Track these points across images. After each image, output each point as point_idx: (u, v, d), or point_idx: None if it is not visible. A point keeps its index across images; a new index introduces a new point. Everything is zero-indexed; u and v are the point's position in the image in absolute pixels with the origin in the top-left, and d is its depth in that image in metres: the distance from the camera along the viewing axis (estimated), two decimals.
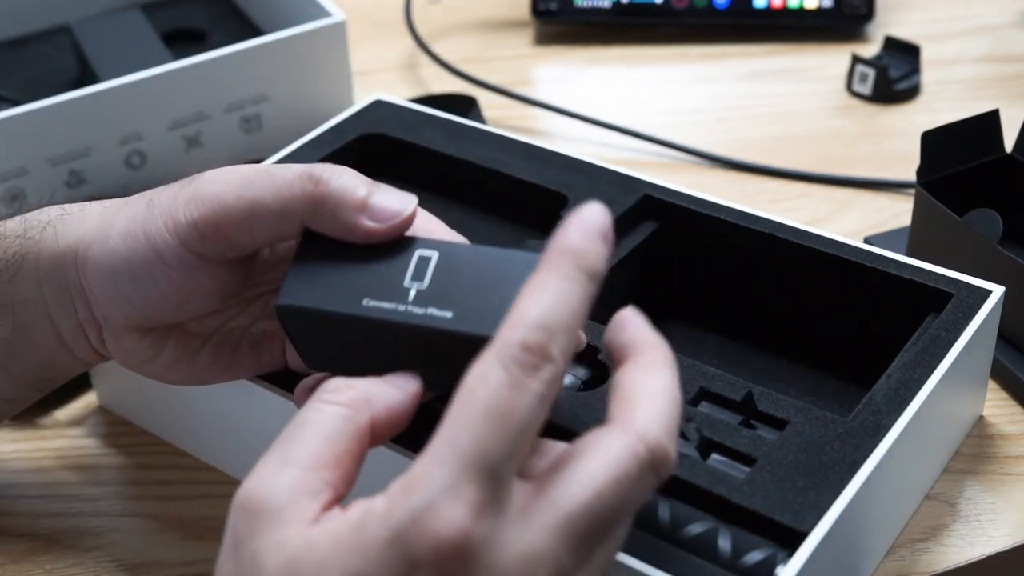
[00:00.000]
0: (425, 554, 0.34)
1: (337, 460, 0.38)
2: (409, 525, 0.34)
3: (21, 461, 0.60)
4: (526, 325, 0.36)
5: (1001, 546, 0.53)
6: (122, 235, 0.47)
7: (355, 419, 0.39)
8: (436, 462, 0.35)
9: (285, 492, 0.37)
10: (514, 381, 0.35)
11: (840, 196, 0.77)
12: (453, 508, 0.34)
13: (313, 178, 0.44)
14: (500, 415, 0.35)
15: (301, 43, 0.76)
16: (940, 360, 0.51)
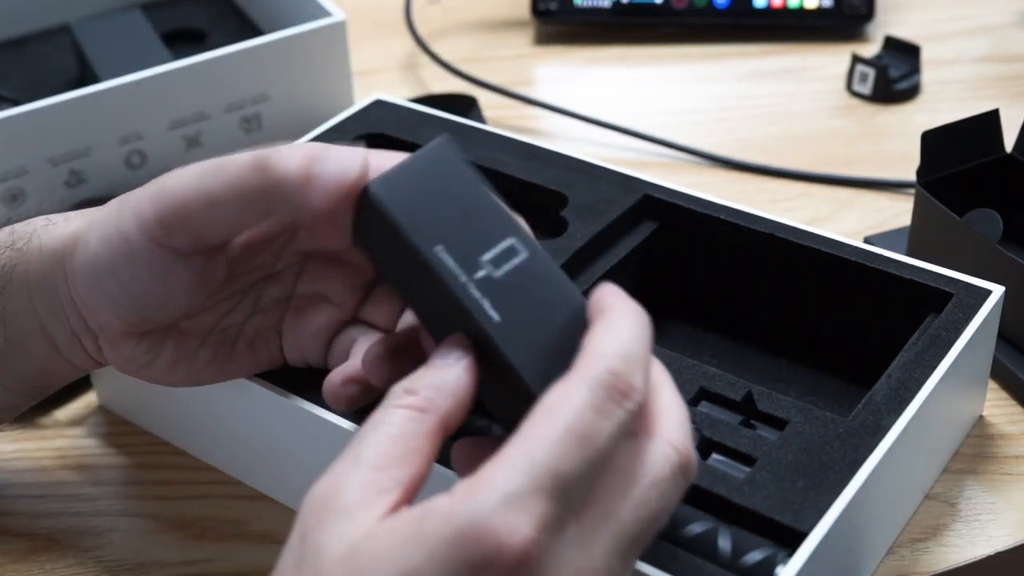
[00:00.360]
0: (484, 558, 0.34)
1: (406, 458, 0.37)
2: (472, 526, 0.34)
3: (21, 461, 0.60)
4: (610, 354, 0.37)
5: (1001, 546, 0.53)
6: (99, 239, 0.47)
7: (424, 419, 0.38)
8: (508, 469, 0.35)
9: (355, 489, 0.36)
10: (599, 405, 0.36)
11: (840, 196, 0.77)
12: (521, 517, 0.34)
13: (259, 166, 0.43)
14: (581, 436, 0.35)
15: (301, 43, 0.76)
16: (940, 360, 0.51)
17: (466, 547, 0.34)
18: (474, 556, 0.34)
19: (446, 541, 0.34)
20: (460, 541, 0.34)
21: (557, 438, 0.35)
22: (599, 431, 0.36)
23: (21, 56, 0.87)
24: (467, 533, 0.34)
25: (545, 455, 0.35)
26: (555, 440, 0.35)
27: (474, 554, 0.34)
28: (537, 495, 0.34)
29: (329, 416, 0.50)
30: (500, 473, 0.35)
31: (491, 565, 0.34)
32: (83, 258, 0.47)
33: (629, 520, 0.37)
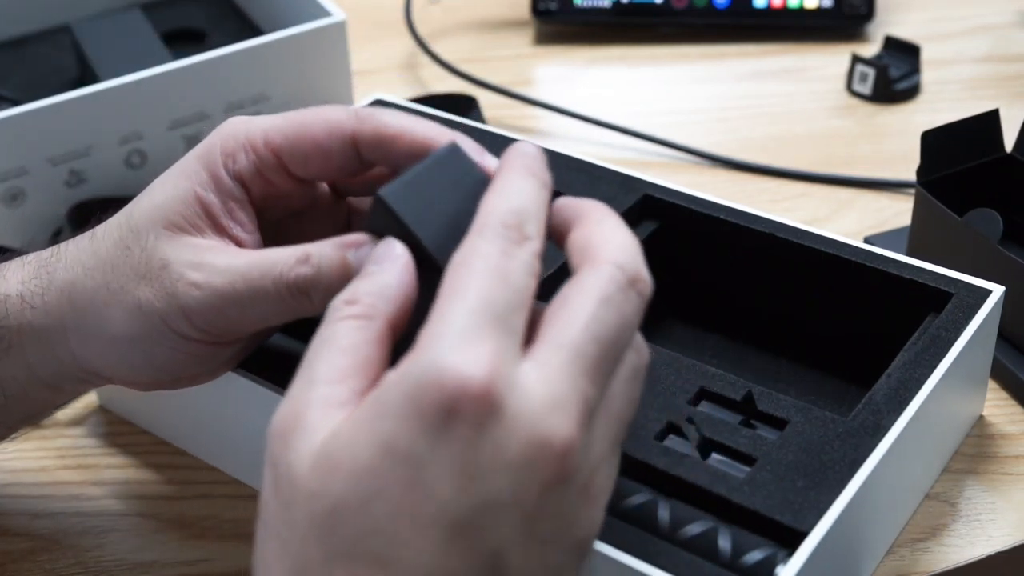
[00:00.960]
0: (452, 397, 0.34)
1: (360, 368, 0.37)
2: (429, 373, 0.34)
3: (21, 461, 0.60)
4: (500, 211, 0.38)
5: (1001, 546, 0.53)
6: (127, 339, 0.46)
7: (370, 326, 0.38)
8: (445, 318, 0.35)
9: (314, 409, 0.36)
10: (502, 250, 0.37)
11: (840, 196, 0.77)
12: (472, 352, 0.34)
13: (301, 290, 0.44)
14: (499, 272, 0.36)
15: (301, 43, 0.76)
16: (940, 360, 0.51)
17: (430, 392, 0.34)
18: (443, 399, 0.34)
19: (407, 396, 0.34)
20: (421, 390, 0.34)
21: (478, 279, 0.36)
22: (512, 267, 0.37)
23: (21, 56, 0.87)
24: (427, 380, 0.34)
25: (474, 295, 0.35)
26: (477, 281, 0.36)
27: (441, 396, 0.34)
28: (481, 329, 0.35)
29: None
30: (437, 326, 0.35)
31: (459, 402, 0.34)
32: (102, 346, 0.47)
33: (579, 337, 0.36)
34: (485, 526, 0.34)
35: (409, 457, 0.34)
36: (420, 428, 0.34)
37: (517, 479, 0.34)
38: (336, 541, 0.34)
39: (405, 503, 0.34)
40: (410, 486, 0.34)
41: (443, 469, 0.34)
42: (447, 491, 0.34)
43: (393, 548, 0.34)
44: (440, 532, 0.34)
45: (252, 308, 0.44)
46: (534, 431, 0.34)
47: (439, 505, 0.34)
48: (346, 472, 0.34)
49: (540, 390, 0.35)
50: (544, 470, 0.35)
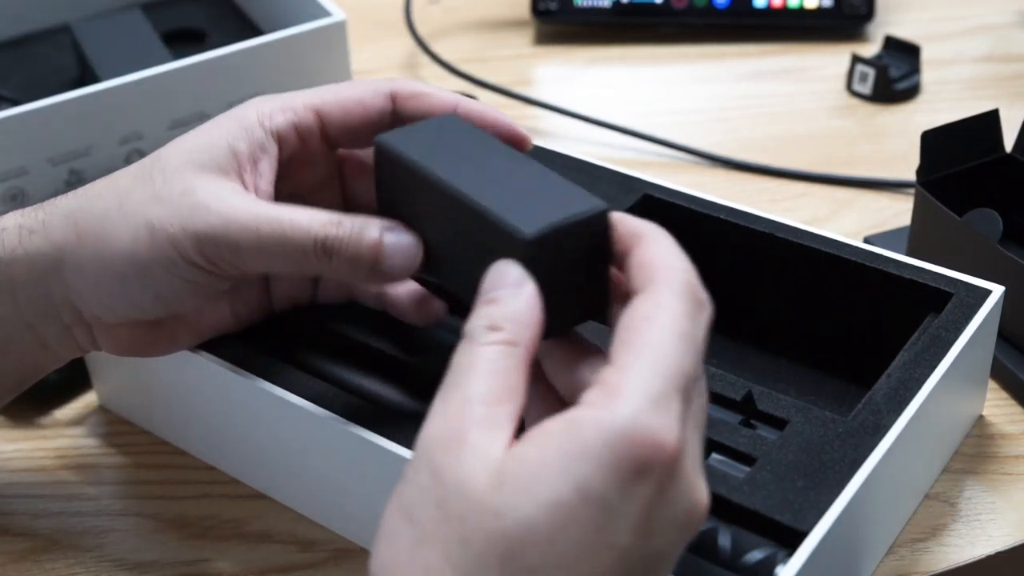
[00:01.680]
0: (648, 456, 0.35)
1: (512, 393, 0.38)
2: (631, 429, 0.35)
3: (21, 461, 0.60)
4: (680, 268, 0.39)
5: (1001, 546, 0.53)
6: (128, 259, 0.47)
7: (516, 353, 0.39)
8: (638, 375, 0.36)
9: (477, 426, 0.37)
10: (689, 313, 0.38)
11: (840, 196, 0.77)
12: (669, 419, 0.36)
13: (328, 251, 0.45)
14: (689, 338, 0.38)
15: (301, 43, 0.76)
16: (940, 360, 0.51)
17: (631, 448, 0.35)
18: (639, 456, 0.35)
19: (609, 446, 0.35)
20: (623, 443, 0.35)
21: (674, 342, 0.37)
22: (696, 335, 0.38)
23: (21, 56, 0.87)
24: (628, 435, 0.35)
25: (671, 358, 0.37)
26: (673, 344, 0.37)
27: (638, 453, 0.35)
28: (674, 395, 0.36)
29: (331, 417, 0.50)
30: (637, 380, 0.36)
31: (653, 463, 0.35)
32: (98, 270, 0.47)
33: (698, 408, 0.39)
34: (647, 572, 0.36)
35: (601, 501, 0.35)
36: (616, 478, 0.35)
37: (678, 535, 0.37)
38: (519, 566, 0.35)
39: (591, 543, 0.35)
40: (597, 529, 0.35)
41: (628, 520, 0.35)
42: (628, 540, 0.35)
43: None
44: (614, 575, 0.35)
45: (269, 252, 0.45)
46: (693, 495, 0.37)
47: (620, 552, 0.35)
48: (536, 499, 0.35)
49: (694, 456, 0.38)
50: (692, 528, 0.37)
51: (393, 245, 0.45)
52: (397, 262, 0.45)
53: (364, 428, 0.49)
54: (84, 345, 0.50)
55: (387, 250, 0.45)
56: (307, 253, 0.45)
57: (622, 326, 0.38)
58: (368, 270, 0.45)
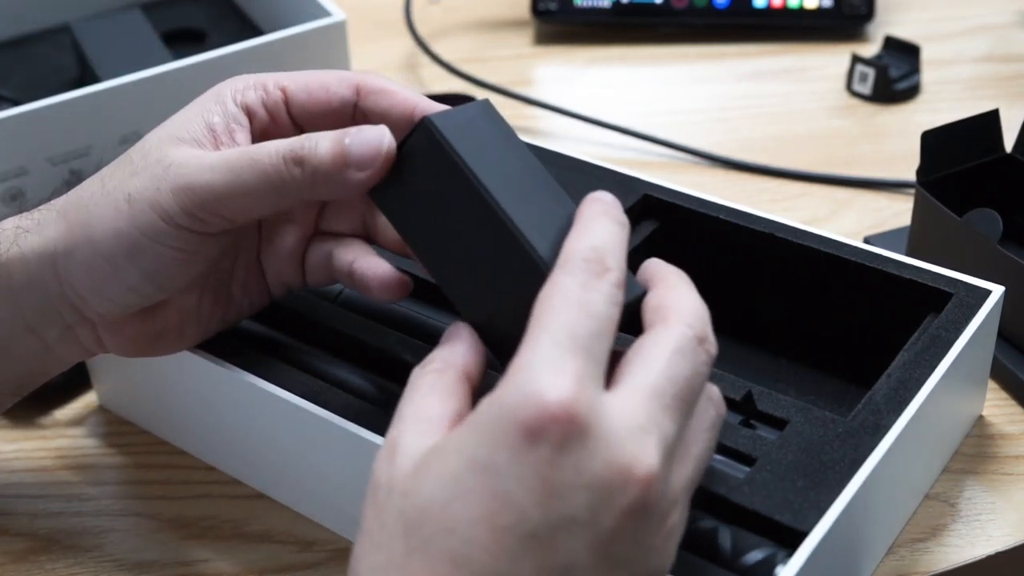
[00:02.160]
0: (538, 422, 0.36)
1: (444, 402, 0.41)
2: (518, 399, 0.36)
3: (21, 461, 0.60)
4: (580, 247, 0.40)
5: (1001, 546, 0.53)
6: (113, 237, 0.47)
7: (447, 373, 0.42)
8: (532, 347, 0.37)
9: (407, 433, 0.39)
10: (583, 283, 0.39)
11: (840, 196, 0.77)
12: (557, 378, 0.36)
13: (297, 161, 0.46)
14: (581, 303, 0.38)
15: (301, 43, 0.76)
16: (940, 360, 0.51)
17: (517, 413, 0.36)
18: (527, 419, 0.36)
19: (495, 416, 0.37)
20: (507, 410, 0.36)
21: (561, 309, 0.38)
22: (592, 300, 0.39)
23: (21, 56, 0.87)
24: (516, 406, 0.36)
25: (557, 325, 0.38)
26: (560, 311, 0.38)
27: (526, 418, 0.36)
28: (564, 356, 0.37)
29: (330, 417, 0.50)
30: (525, 356, 0.37)
31: (541, 422, 0.36)
32: (89, 255, 0.47)
33: (661, 380, 0.39)
34: (559, 541, 0.36)
35: (491, 468, 0.36)
36: (504, 443, 0.36)
37: (596, 500, 0.36)
38: (418, 536, 0.36)
39: (485, 509, 0.36)
40: (491, 495, 0.36)
41: (522, 482, 0.36)
42: (525, 503, 0.36)
43: (467, 549, 0.36)
44: (514, 540, 0.36)
45: (244, 183, 0.46)
46: (617, 456, 0.37)
47: (517, 515, 0.36)
48: (434, 476, 0.37)
49: (622, 418, 0.37)
50: (625, 495, 0.37)
51: (356, 136, 0.45)
52: (364, 151, 0.45)
53: (364, 428, 0.49)
54: (88, 345, 0.50)
55: (351, 142, 0.45)
56: (279, 170, 0.45)
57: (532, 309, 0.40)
58: (340, 169, 0.45)
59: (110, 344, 0.50)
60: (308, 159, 0.45)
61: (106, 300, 0.48)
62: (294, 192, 0.46)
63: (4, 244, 0.49)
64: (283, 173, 0.46)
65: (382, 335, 0.55)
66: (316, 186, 0.46)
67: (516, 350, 0.38)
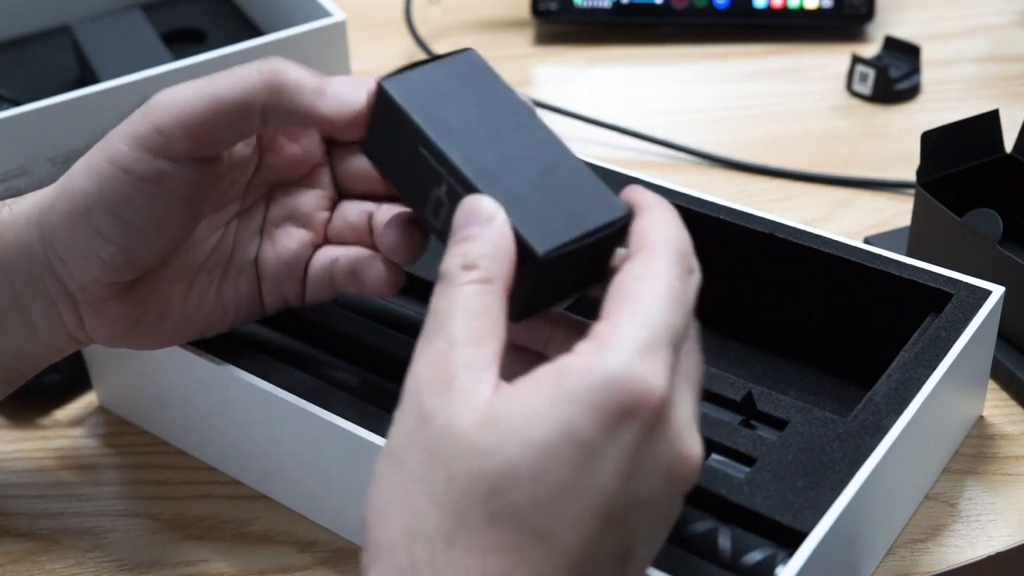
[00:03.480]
0: (634, 402, 0.36)
1: (492, 331, 0.39)
2: (618, 375, 0.36)
3: (21, 461, 0.60)
4: (674, 239, 0.41)
5: (1001, 546, 0.53)
6: (84, 174, 0.47)
7: (492, 290, 0.39)
8: (630, 327, 0.37)
9: (463, 369, 0.37)
10: (680, 276, 0.40)
11: (840, 196, 0.77)
12: (656, 366, 0.37)
13: (270, 68, 0.46)
14: (679, 298, 0.39)
15: (301, 43, 0.76)
16: (940, 360, 0.51)
17: (617, 393, 0.36)
18: (625, 400, 0.36)
19: (595, 391, 0.36)
20: (610, 388, 0.36)
21: (665, 300, 0.38)
22: (687, 297, 0.40)
23: (21, 56, 0.87)
24: (615, 380, 0.36)
25: (661, 313, 0.38)
26: (664, 302, 0.38)
27: (625, 398, 0.36)
28: (662, 347, 0.37)
29: (330, 417, 0.50)
30: (626, 330, 0.37)
31: (639, 407, 0.36)
32: (66, 203, 0.47)
33: (690, 368, 0.41)
34: (631, 521, 0.37)
35: (586, 445, 0.36)
36: (601, 421, 0.36)
37: (664, 485, 0.38)
38: (501, 504, 0.35)
39: (573, 486, 0.36)
40: (581, 472, 0.36)
41: (612, 463, 0.36)
42: (611, 484, 0.36)
43: (553, 523, 0.36)
44: (597, 519, 0.36)
45: (213, 90, 0.46)
46: (682, 447, 0.38)
47: (603, 495, 0.36)
48: (522, 440, 0.36)
49: (685, 410, 0.39)
50: (681, 482, 0.38)
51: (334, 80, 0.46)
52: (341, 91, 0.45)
53: (365, 429, 0.49)
54: (70, 326, 0.50)
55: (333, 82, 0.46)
56: (253, 82, 0.45)
57: (615, 286, 0.39)
58: (315, 93, 0.45)
59: (91, 325, 0.50)
60: (285, 70, 0.46)
61: (81, 258, 0.48)
62: (259, 98, 0.45)
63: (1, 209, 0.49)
64: (255, 79, 0.45)
65: (382, 335, 0.55)
66: (282, 99, 0.45)
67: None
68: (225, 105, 0.46)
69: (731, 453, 0.48)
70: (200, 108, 0.46)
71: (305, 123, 0.46)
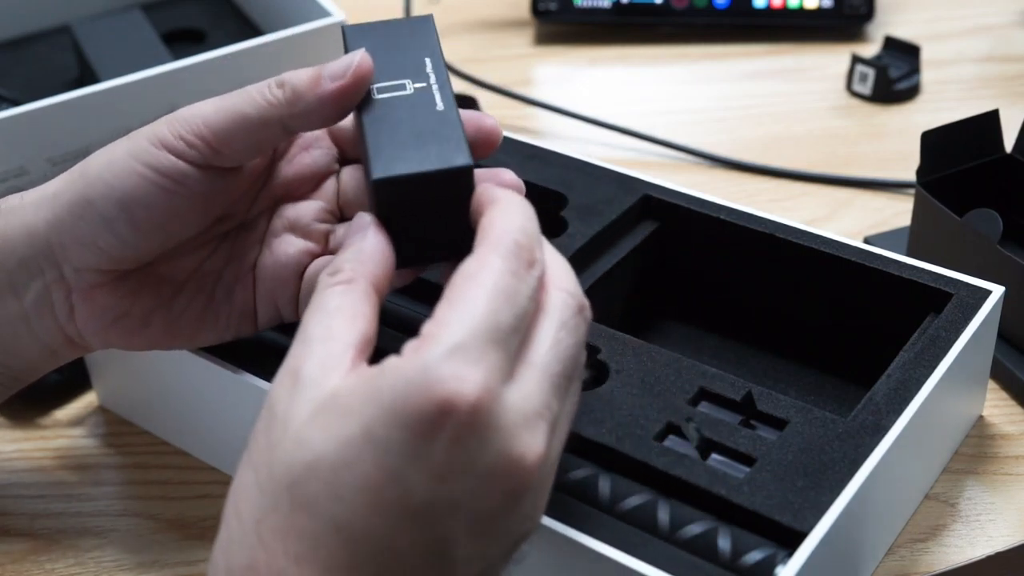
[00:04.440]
0: (440, 415, 0.36)
1: (350, 324, 0.40)
2: (422, 377, 0.36)
3: (21, 461, 0.60)
4: (512, 229, 0.40)
5: (1001, 546, 0.53)
6: (105, 165, 0.48)
7: (354, 288, 0.41)
8: (451, 326, 0.37)
9: (312, 364, 0.39)
10: (514, 270, 0.39)
11: (840, 196, 0.77)
12: (468, 368, 0.37)
13: (279, 82, 0.48)
14: (508, 294, 0.39)
15: (301, 43, 0.76)
16: (940, 360, 0.51)
17: (417, 398, 0.36)
18: (424, 406, 0.36)
19: (396, 395, 0.37)
20: (411, 392, 0.36)
21: (488, 297, 0.38)
22: (519, 291, 0.39)
23: (21, 56, 0.87)
24: (417, 385, 0.36)
25: (481, 311, 0.38)
26: (487, 299, 0.38)
27: (424, 404, 0.36)
28: (481, 347, 0.37)
29: None
30: (443, 330, 0.37)
31: (443, 412, 0.36)
32: (79, 188, 0.48)
33: (550, 360, 0.39)
34: (439, 518, 0.37)
35: (382, 443, 0.37)
36: (401, 424, 0.36)
37: (482, 486, 0.37)
38: (302, 492, 0.37)
39: (373, 481, 0.37)
40: (378, 468, 0.37)
41: (413, 465, 0.37)
42: (411, 483, 0.37)
43: (350, 515, 0.37)
44: (396, 514, 0.37)
45: (232, 105, 0.47)
46: (511, 448, 0.37)
47: (402, 492, 0.37)
48: (330, 435, 0.37)
49: (519, 408, 0.38)
50: (510, 482, 0.38)
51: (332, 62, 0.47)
52: (337, 66, 0.47)
53: None
54: (60, 316, 0.50)
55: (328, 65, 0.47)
56: (263, 92, 0.47)
57: (450, 282, 0.39)
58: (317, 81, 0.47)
59: (80, 314, 0.50)
60: (289, 79, 0.47)
61: (80, 244, 0.48)
62: (277, 112, 0.47)
63: (12, 197, 0.50)
64: (267, 94, 0.47)
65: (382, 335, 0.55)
66: (296, 103, 0.47)
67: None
68: (245, 121, 0.47)
69: (731, 453, 0.48)
70: (222, 123, 0.47)
71: (321, 114, 0.47)
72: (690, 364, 0.52)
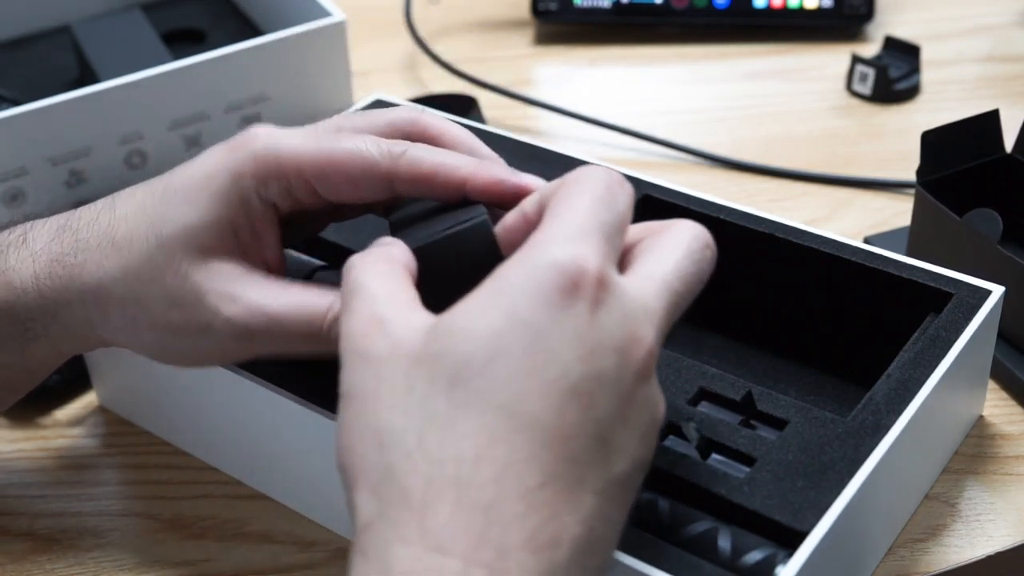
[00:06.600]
0: (576, 280, 0.37)
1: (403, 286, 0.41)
2: (552, 261, 0.38)
3: (21, 461, 0.60)
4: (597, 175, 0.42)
5: (1001, 546, 0.53)
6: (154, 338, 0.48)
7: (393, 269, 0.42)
8: (561, 222, 0.39)
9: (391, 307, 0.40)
10: (611, 185, 0.41)
11: (840, 196, 0.77)
12: (587, 249, 0.38)
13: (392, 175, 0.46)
14: (608, 197, 0.41)
15: (301, 43, 0.76)
16: (940, 360, 0.51)
17: (550, 272, 0.37)
18: (559, 278, 0.37)
19: (528, 277, 0.38)
20: (541, 270, 0.37)
21: (589, 197, 0.40)
22: (618, 199, 0.41)
23: (21, 56, 0.87)
24: (545, 263, 0.38)
25: (586, 209, 0.40)
26: (588, 199, 0.40)
27: (559, 276, 0.37)
28: (590, 235, 0.39)
29: (330, 417, 0.50)
30: (553, 225, 0.39)
31: (576, 282, 0.37)
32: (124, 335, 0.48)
33: (674, 277, 0.41)
34: (595, 396, 0.37)
35: (532, 325, 0.37)
36: (542, 300, 0.37)
37: (619, 362, 0.38)
38: (463, 392, 0.37)
39: (528, 363, 0.37)
40: (533, 350, 0.37)
41: (564, 338, 0.37)
42: (567, 358, 0.37)
43: (518, 400, 0.37)
44: (559, 393, 0.37)
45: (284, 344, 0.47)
46: (634, 327, 0.38)
47: (560, 369, 0.37)
48: (469, 335, 0.37)
49: (634, 297, 0.39)
50: (636, 363, 0.38)
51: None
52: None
53: None
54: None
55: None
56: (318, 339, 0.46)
57: (547, 207, 0.41)
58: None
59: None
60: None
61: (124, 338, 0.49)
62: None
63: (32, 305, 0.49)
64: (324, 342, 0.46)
65: None
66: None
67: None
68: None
69: (731, 453, 0.48)
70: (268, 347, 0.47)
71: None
72: (690, 364, 0.52)
